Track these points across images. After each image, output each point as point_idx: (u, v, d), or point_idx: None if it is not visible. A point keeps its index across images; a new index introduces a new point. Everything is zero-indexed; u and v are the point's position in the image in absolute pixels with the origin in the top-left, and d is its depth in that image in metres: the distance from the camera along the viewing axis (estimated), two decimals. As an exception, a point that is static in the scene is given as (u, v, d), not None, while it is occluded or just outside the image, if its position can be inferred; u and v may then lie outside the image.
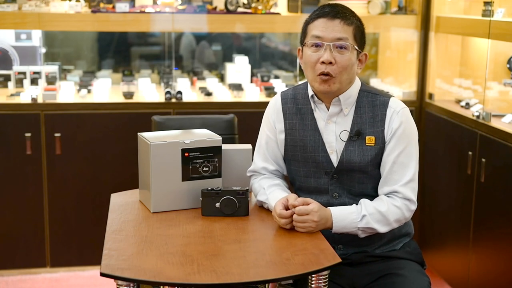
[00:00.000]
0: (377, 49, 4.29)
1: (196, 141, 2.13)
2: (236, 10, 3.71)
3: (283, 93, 2.22)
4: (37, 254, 3.54)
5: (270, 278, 1.68)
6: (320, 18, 2.04)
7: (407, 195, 2.05)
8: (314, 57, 2.04)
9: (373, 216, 2.01)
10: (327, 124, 2.11)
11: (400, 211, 2.04)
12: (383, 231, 2.03)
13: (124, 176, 3.50)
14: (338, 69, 2.02)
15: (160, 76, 4.11)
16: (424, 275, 2.09)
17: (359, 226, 2.00)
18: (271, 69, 4.37)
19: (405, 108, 2.10)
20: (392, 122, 2.06)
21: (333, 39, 2.02)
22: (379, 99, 2.10)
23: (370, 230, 2.02)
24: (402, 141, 2.06)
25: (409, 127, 2.08)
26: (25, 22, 3.49)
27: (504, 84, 3.30)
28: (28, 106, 3.45)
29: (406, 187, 2.05)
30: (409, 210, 2.06)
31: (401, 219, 2.06)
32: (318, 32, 2.03)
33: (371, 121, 2.08)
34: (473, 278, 3.12)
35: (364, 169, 2.07)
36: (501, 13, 3.12)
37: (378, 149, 2.07)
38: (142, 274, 1.66)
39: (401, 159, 2.06)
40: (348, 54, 2.03)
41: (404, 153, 2.06)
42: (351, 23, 2.04)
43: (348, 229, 2.01)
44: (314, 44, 2.04)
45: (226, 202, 2.07)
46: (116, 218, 2.06)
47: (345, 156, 2.08)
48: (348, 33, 2.03)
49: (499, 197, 2.89)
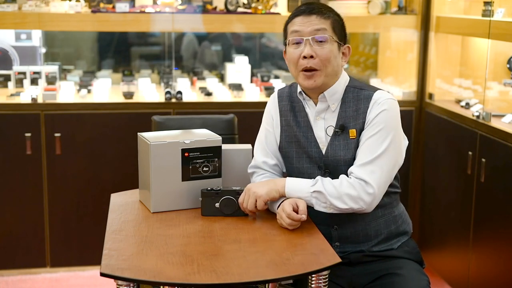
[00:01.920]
0: (377, 49, 4.29)
1: (196, 141, 2.13)
2: (236, 10, 3.71)
3: (280, 91, 2.25)
4: (37, 254, 3.54)
5: (270, 278, 1.68)
6: (298, 16, 2.10)
7: (360, 175, 2.00)
8: (296, 54, 2.08)
9: (325, 184, 2.00)
10: (316, 120, 2.14)
11: (352, 188, 1.99)
12: (337, 204, 1.99)
13: (124, 176, 3.50)
14: (321, 62, 2.05)
15: (160, 76, 4.11)
16: (423, 274, 2.09)
17: (311, 190, 1.99)
18: (271, 69, 4.37)
19: (390, 99, 2.07)
20: (371, 112, 2.05)
21: (311, 32, 2.05)
22: (363, 93, 2.10)
23: (323, 199, 1.99)
24: (375, 126, 2.04)
25: (388, 115, 2.04)
26: (25, 22, 3.49)
27: (504, 84, 3.30)
28: (28, 106, 3.45)
29: (361, 168, 2.01)
30: (365, 192, 1.99)
31: (355, 197, 1.99)
32: (296, 27, 2.08)
33: (354, 115, 2.08)
34: (473, 278, 3.12)
35: (349, 162, 2.07)
36: (501, 13, 3.12)
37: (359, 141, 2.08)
38: (142, 274, 1.66)
39: (369, 142, 2.03)
40: (328, 46, 2.05)
41: (374, 137, 2.03)
42: (328, 17, 2.08)
43: (301, 194, 2.01)
44: (295, 41, 2.08)
45: (226, 202, 2.07)
46: (116, 218, 2.06)
47: (330, 150, 2.09)
48: (325, 25, 2.06)
49: (499, 197, 2.89)
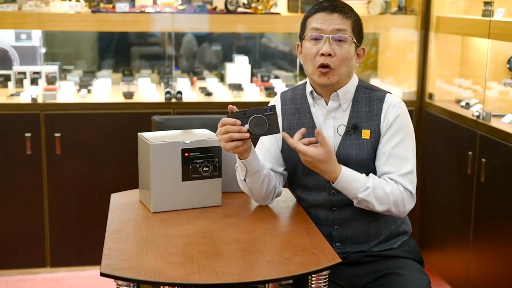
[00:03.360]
0: (377, 49, 4.29)
1: (196, 141, 2.13)
2: (236, 10, 3.71)
3: (283, 94, 2.23)
4: (37, 254, 3.54)
5: (270, 278, 1.68)
6: (319, 12, 2.07)
7: (406, 186, 2.03)
8: (313, 50, 2.06)
9: (376, 191, 1.99)
10: (326, 120, 2.12)
11: (401, 196, 2.02)
12: (378, 209, 2.01)
13: (124, 176, 3.50)
14: (337, 61, 2.04)
15: (160, 76, 4.11)
16: (423, 274, 2.09)
17: (359, 196, 1.99)
18: (271, 69, 4.37)
19: (401, 103, 2.10)
20: (388, 115, 2.07)
21: (332, 31, 2.04)
22: (375, 94, 2.11)
23: (365, 204, 2.00)
24: (398, 133, 2.06)
25: (405, 120, 2.08)
26: (25, 22, 3.49)
27: (504, 84, 3.30)
28: (28, 106, 3.45)
29: (405, 178, 2.04)
30: (409, 202, 2.04)
31: (400, 205, 2.02)
32: (317, 24, 2.05)
33: (367, 115, 2.09)
34: (473, 278, 3.12)
35: (361, 162, 2.07)
36: (501, 13, 3.12)
37: (374, 143, 2.07)
38: (142, 274, 1.66)
39: (398, 151, 2.05)
40: (347, 47, 2.05)
41: (400, 145, 2.05)
42: (350, 17, 2.07)
43: (347, 192, 2.00)
44: (313, 37, 2.06)
45: (256, 121, 1.98)
46: (116, 218, 2.06)
47: (341, 149, 2.08)
48: (346, 26, 2.05)
49: (499, 197, 2.89)
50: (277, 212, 2.16)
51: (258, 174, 2.06)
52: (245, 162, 2.03)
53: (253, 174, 2.06)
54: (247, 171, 2.05)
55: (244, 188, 2.13)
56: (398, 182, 2.03)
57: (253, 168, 2.04)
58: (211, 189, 2.16)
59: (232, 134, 1.94)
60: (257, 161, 2.06)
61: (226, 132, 1.95)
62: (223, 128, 1.96)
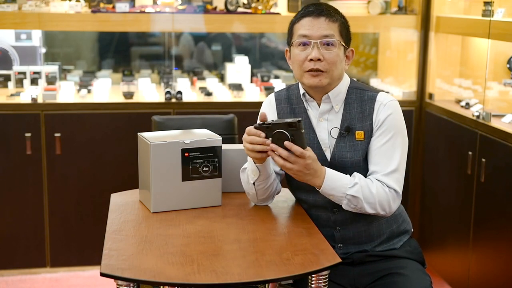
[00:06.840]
0: (377, 49, 4.29)
1: (196, 141, 2.13)
2: (236, 10, 3.71)
3: (277, 94, 2.23)
4: (37, 254, 3.54)
5: (270, 278, 1.68)
6: (306, 17, 2.07)
7: (391, 185, 2.03)
8: (302, 56, 2.06)
9: (364, 189, 1.99)
10: (319, 122, 2.12)
11: (386, 196, 2.01)
12: (367, 209, 2.00)
13: (124, 176, 3.50)
14: (328, 65, 2.05)
15: (160, 76, 4.11)
16: (425, 274, 2.09)
17: (348, 193, 1.98)
18: (271, 69, 4.37)
19: (393, 101, 2.09)
20: (379, 114, 2.07)
21: (320, 37, 2.04)
22: (367, 94, 2.11)
23: (355, 202, 1.99)
24: (388, 132, 2.05)
25: (396, 118, 2.07)
26: (25, 22, 3.49)
27: (504, 84, 3.30)
28: (28, 106, 3.45)
29: (389, 177, 2.03)
30: (394, 201, 2.04)
31: (385, 206, 2.02)
32: (304, 31, 2.06)
33: (360, 116, 2.09)
34: (473, 278, 3.12)
35: (357, 164, 2.07)
36: (501, 13, 3.12)
37: (368, 143, 2.08)
38: (142, 274, 1.66)
39: (385, 150, 2.05)
40: (335, 50, 2.05)
41: (388, 143, 2.05)
42: (336, 20, 2.07)
43: (336, 193, 1.99)
44: (301, 43, 2.06)
45: (279, 136, 1.93)
46: (116, 218, 2.06)
47: (336, 152, 2.08)
48: (334, 30, 2.05)
49: (499, 197, 2.89)
50: (277, 212, 2.16)
51: (269, 178, 2.08)
52: (260, 167, 2.04)
53: (264, 179, 2.07)
54: (260, 175, 2.06)
55: (250, 190, 2.14)
56: (382, 182, 2.03)
57: (266, 173, 2.06)
58: (211, 189, 2.16)
59: (255, 146, 1.96)
60: (270, 166, 2.08)
61: (250, 142, 1.97)
62: (249, 138, 1.97)
